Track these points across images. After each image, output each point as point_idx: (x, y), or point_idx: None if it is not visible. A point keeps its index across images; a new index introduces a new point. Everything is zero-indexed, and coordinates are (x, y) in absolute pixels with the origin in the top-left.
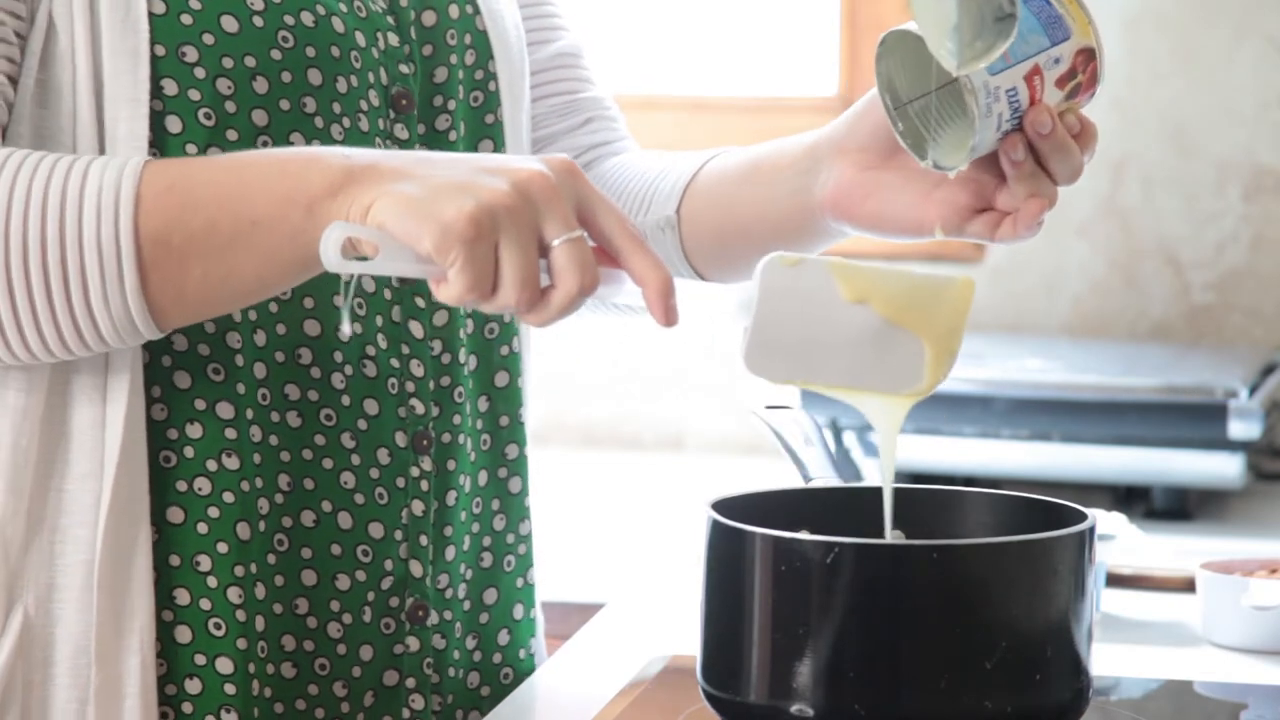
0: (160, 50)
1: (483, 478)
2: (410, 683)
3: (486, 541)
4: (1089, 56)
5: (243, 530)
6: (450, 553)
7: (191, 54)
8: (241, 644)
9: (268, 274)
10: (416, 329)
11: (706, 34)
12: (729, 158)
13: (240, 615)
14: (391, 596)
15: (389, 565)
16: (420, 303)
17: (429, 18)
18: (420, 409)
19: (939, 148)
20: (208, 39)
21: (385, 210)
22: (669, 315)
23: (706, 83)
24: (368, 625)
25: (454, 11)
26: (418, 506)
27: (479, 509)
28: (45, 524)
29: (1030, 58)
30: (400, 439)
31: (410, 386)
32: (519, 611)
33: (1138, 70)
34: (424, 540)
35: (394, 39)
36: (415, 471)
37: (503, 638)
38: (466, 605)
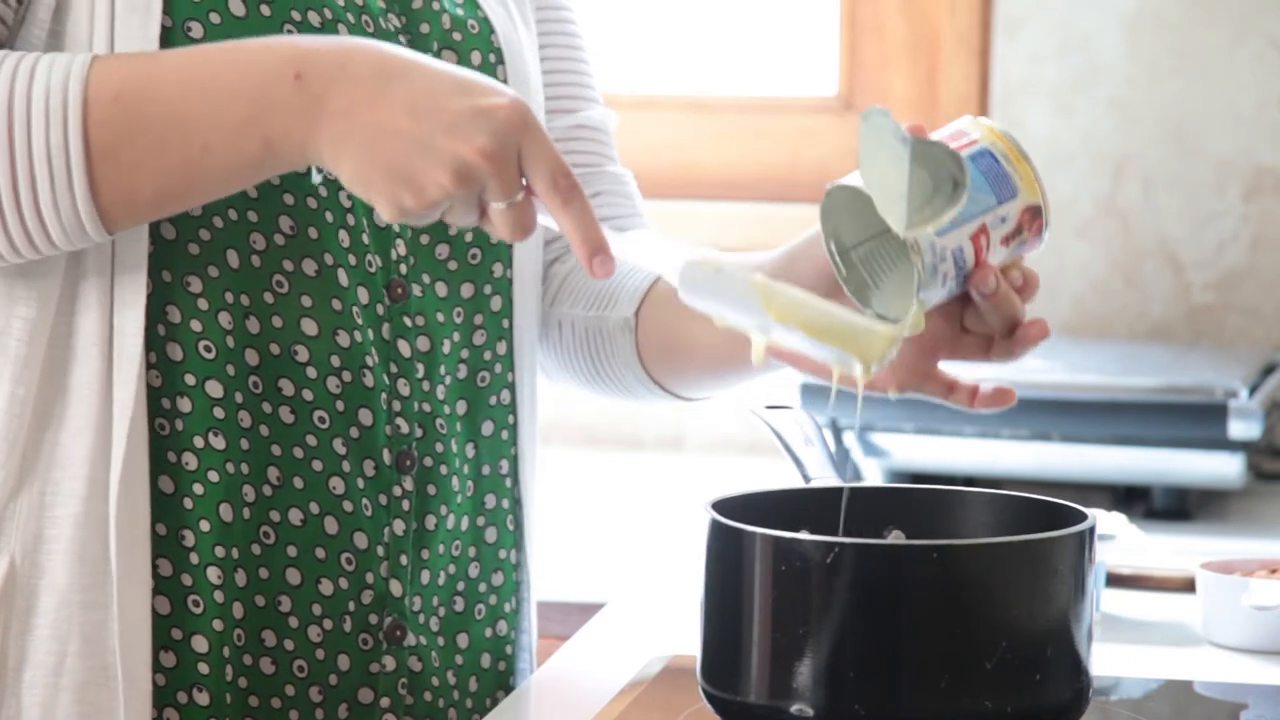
0: (167, 22)
1: (464, 523)
2: (385, 702)
3: (460, 586)
4: (1035, 214)
5: (225, 512)
6: (426, 577)
7: (196, 30)
8: (218, 625)
9: (222, 189)
10: (404, 348)
11: (706, 34)
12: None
13: (218, 596)
14: (371, 613)
15: (370, 579)
16: (408, 322)
17: (449, 57)
18: (405, 428)
19: (882, 296)
20: (214, 18)
21: (341, 174)
22: (595, 271)
23: (706, 83)
24: (347, 635)
25: (476, 59)
26: (399, 526)
27: (457, 551)
28: (37, 474)
29: (977, 217)
30: (386, 455)
31: (397, 405)
32: (486, 660)
33: (1138, 70)
34: (404, 560)
35: None
36: (398, 490)
37: (472, 684)
38: (441, 641)
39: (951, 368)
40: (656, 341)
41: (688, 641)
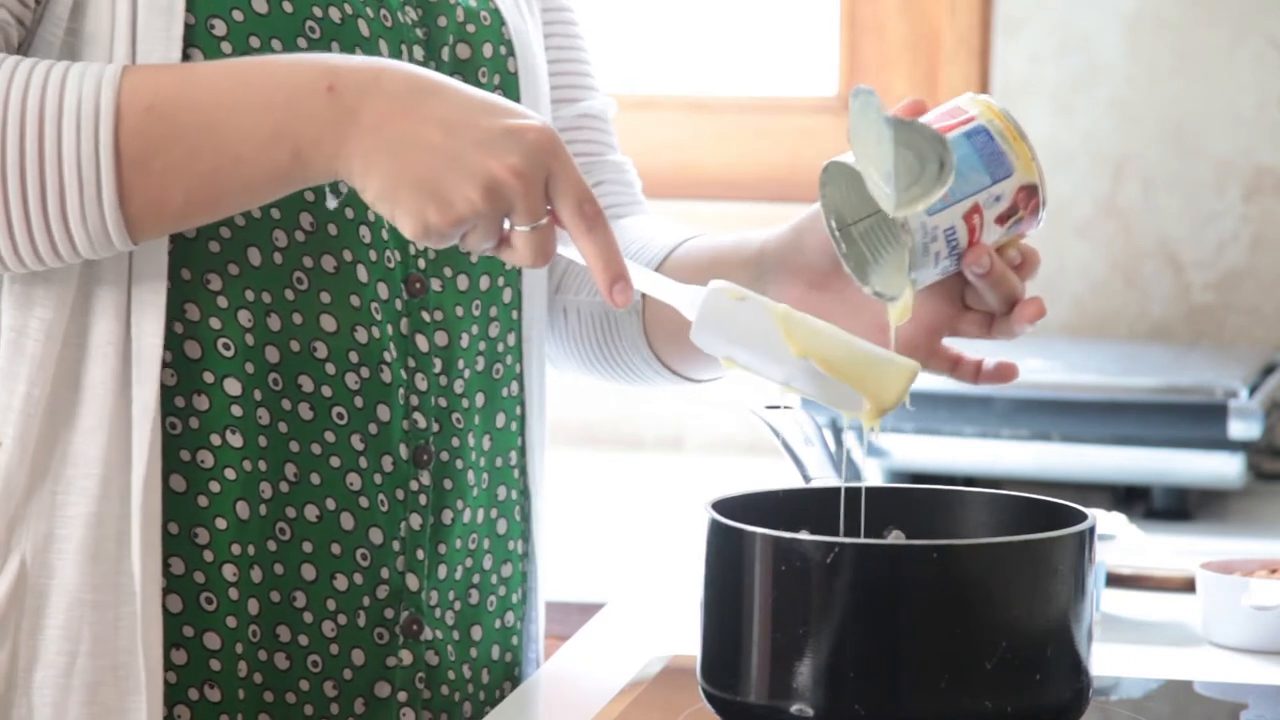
0: (190, 19)
1: (479, 515)
2: (402, 696)
3: (475, 579)
4: (1031, 193)
5: (242, 509)
6: (443, 571)
7: (220, 27)
8: (231, 622)
9: (249, 201)
10: (422, 343)
11: (706, 34)
12: (697, 245)
13: (233, 594)
14: (387, 607)
15: (385, 574)
16: (426, 317)
17: (463, 50)
18: (422, 423)
19: (880, 272)
20: (237, 15)
21: (368, 188)
22: (614, 299)
23: (706, 83)
24: (362, 630)
25: (488, 50)
26: (416, 520)
27: (473, 545)
28: (49, 474)
29: (970, 196)
30: (404, 450)
31: (414, 400)
32: (496, 652)
33: (1138, 70)
34: (421, 555)
35: (420, 54)
36: (414, 485)
37: (484, 676)
38: (456, 635)
39: (955, 344)
40: (664, 321)
41: (688, 641)
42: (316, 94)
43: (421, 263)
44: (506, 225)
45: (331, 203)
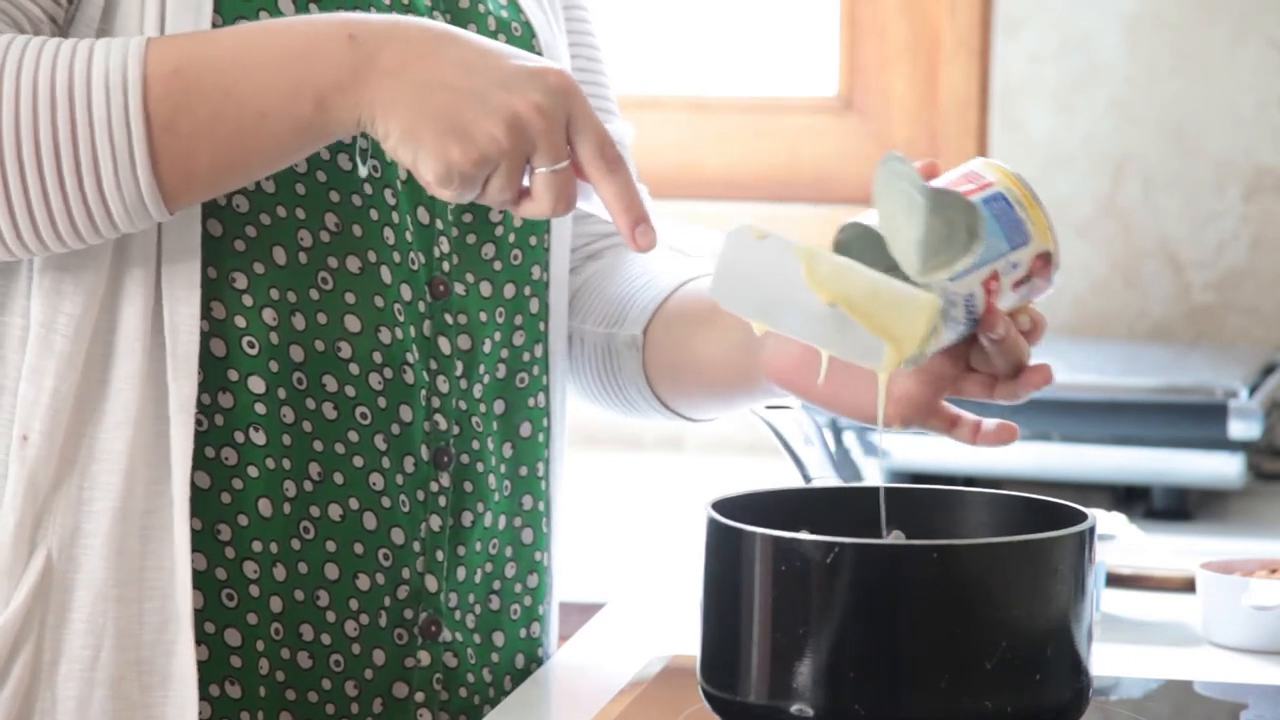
0: (218, 20)
1: (501, 521)
2: (419, 697)
3: (496, 585)
4: (1046, 260)
5: (265, 507)
6: (462, 574)
7: None
8: (252, 619)
9: (277, 159)
10: (444, 345)
11: (706, 34)
12: (700, 286)
13: (254, 590)
14: (407, 608)
15: (406, 574)
16: (449, 319)
17: None
18: (443, 425)
19: None
20: (264, 18)
21: (390, 133)
22: (636, 242)
23: (706, 83)
24: (383, 630)
25: None
26: (435, 521)
27: (494, 550)
28: (76, 468)
29: (990, 263)
30: (424, 452)
31: (436, 402)
32: (520, 661)
33: (1138, 70)
34: (440, 556)
35: None
36: (434, 486)
37: (506, 684)
38: (476, 639)
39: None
40: (663, 361)
41: (688, 641)
42: (337, 42)
43: (446, 266)
44: (525, 182)
45: (363, 170)
